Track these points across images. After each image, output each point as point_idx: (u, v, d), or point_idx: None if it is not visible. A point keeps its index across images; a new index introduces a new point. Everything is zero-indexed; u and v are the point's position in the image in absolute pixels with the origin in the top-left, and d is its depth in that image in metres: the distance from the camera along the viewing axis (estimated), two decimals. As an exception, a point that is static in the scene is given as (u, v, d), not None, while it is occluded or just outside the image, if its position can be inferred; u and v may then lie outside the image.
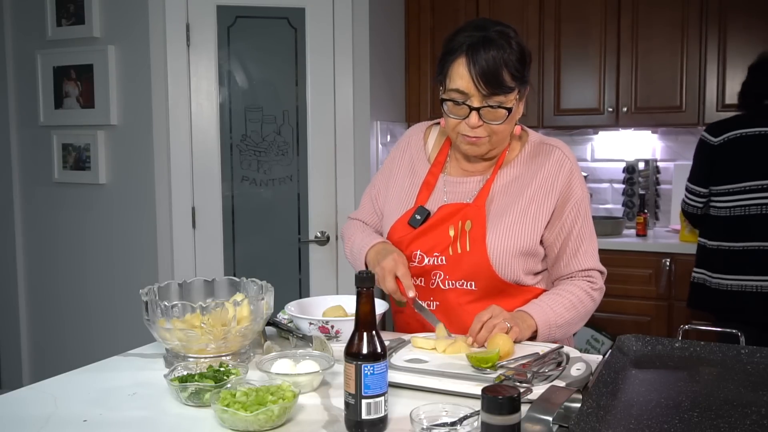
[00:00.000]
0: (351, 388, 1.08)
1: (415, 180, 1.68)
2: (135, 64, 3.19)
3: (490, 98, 1.48)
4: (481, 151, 1.57)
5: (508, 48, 1.48)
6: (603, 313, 3.31)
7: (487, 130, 1.52)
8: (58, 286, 3.49)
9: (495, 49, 1.46)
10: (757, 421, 0.98)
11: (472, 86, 1.47)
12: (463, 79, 1.47)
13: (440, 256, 1.57)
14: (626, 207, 3.66)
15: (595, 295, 1.62)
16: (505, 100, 1.49)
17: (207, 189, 3.24)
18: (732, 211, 2.72)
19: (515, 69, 1.48)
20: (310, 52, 3.27)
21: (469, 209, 1.57)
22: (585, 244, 1.61)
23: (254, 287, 1.50)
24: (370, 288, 1.11)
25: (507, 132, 1.56)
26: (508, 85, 1.48)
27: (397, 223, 1.64)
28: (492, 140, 1.54)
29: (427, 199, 1.64)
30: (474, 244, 1.54)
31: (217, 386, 1.19)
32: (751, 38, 3.23)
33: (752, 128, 2.70)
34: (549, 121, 3.64)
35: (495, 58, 1.46)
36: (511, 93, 1.50)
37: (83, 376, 1.39)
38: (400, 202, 1.68)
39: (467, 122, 1.50)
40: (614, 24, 3.47)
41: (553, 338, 1.52)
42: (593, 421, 0.97)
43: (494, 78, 1.46)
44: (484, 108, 1.49)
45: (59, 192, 3.44)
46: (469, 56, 1.46)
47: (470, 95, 1.48)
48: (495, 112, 1.49)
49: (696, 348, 1.28)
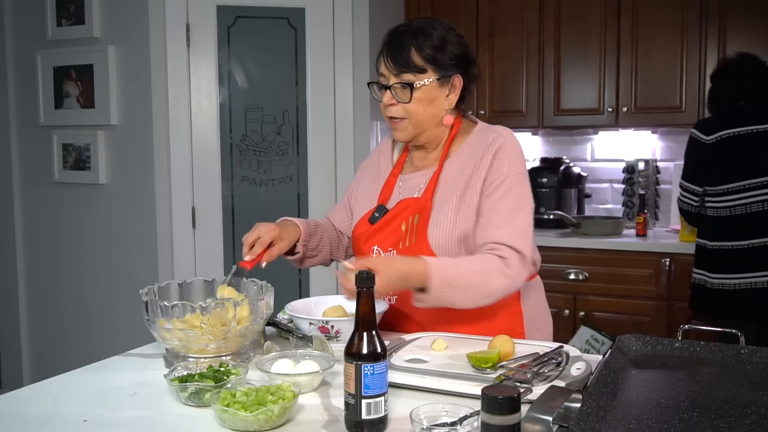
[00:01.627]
0: (351, 388, 1.08)
1: (379, 182, 1.76)
2: (135, 64, 3.19)
3: (400, 76, 1.56)
4: (404, 135, 1.63)
5: (422, 34, 1.57)
6: (603, 313, 3.31)
7: (403, 111, 1.59)
8: (58, 286, 3.49)
9: (408, 34, 1.57)
10: (757, 421, 0.98)
11: (384, 67, 1.58)
12: (380, 62, 1.60)
13: (393, 250, 1.63)
14: (626, 207, 3.66)
15: (509, 272, 1.48)
16: (414, 79, 1.56)
17: (207, 189, 3.24)
18: (733, 210, 2.72)
19: (427, 52, 1.56)
20: (310, 52, 3.28)
21: (418, 203, 1.63)
22: (499, 218, 1.53)
23: (254, 287, 1.50)
24: (370, 288, 1.11)
25: (425, 115, 1.60)
26: (416, 64, 1.55)
27: (359, 222, 1.72)
28: (412, 122, 1.60)
29: (388, 199, 1.71)
30: (418, 236, 1.59)
31: (217, 386, 1.19)
32: (751, 38, 3.23)
33: (743, 127, 2.71)
34: (549, 121, 3.64)
35: (405, 40, 1.57)
36: (422, 74, 1.56)
37: (83, 376, 1.39)
38: (364, 203, 1.76)
39: (383, 101, 1.60)
40: (614, 24, 3.47)
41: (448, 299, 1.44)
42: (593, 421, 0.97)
43: (399, 56, 1.56)
44: (396, 86, 1.57)
45: (59, 192, 3.44)
46: (384, 43, 1.60)
47: (387, 77, 1.59)
48: (404, 90, 1.57)
49: (696, 348, 1.28)
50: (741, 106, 2.77)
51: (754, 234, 2.69)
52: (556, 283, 3.33)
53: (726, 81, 2.81)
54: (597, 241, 3.34)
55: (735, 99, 2.78)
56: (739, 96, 2.77)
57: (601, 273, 3.29)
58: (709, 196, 2.80)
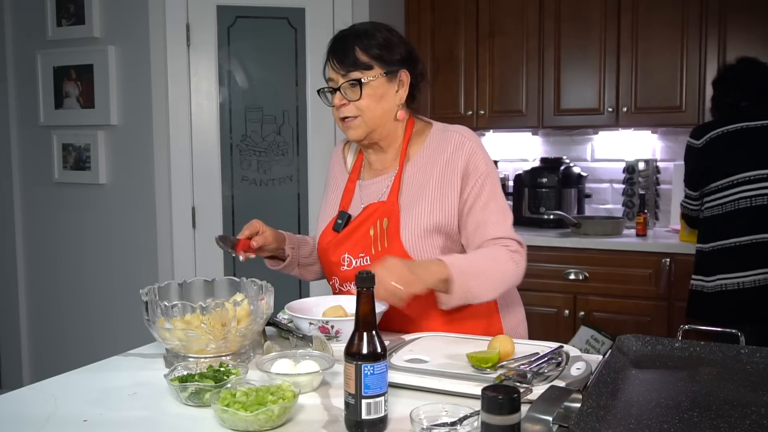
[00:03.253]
0: (351, 388, 1.08)
1: (338, 191, 1.78)
2: (135, 64, 3.19)
3: (347, 76, 1.59)
4: (358, 133, 1.64)
5: (365, 35, 1.61)
6: (603, 313, 3.31)
7: (355, 109, 1.61)
8: (58, 286, 3.49)
9: (350, 36, 1.61)
10: (757, 421, 0.98)
11: (332, 70, 1.61)
12: (328, 67, 1.63)
13: (365, 256, 1.64)
14: (626, 207, 3.66)
15: (516, 257, 1.59)
16: (361, 76, 1.59)
17: (207, 189, 3.24)
18: (723, 208, 2.69)
19: (372, 50, 1.59)
20: (310, 52, 3.28)
21: (385, 207, 1.64)
22: (494, 216, 1.60)
23: (254, 287, 1.50)
24: (370, 288, 1.11)
25: (377, 110, 1.62)
26: (362, 61, 1.58)
27: (323, 232, 1.73)
28: (365, 119, 1.61)
29: (348, 206, 1.72)
30: (391, 239, 1.60)
31: (217, 386, 1.18)
32: (751, 38, 3.23)
33: (733, 124, 2.71)
34: (549, 121, 3.64)
35: (348, 41, 1.60)
36: (369, 70, 1.59)
37: (83, 376, 1.39)
38: (326, 214, 1.77)
39: (334, 103, 1.62)
40: (614, 24, 3.47)
41: (470, 291, 1.51)
42: (593, 421, 0.97)
43: (344, 56, 1.59)
44: (344, 86, 1.60)
45: (59, 192, 3.44)
46: (330, 46, 1.64)
47: (335, 80, 1.61)
48: (353, 89, 1.60)
49: (696, 348, 1.27)
50: (743, 107, 2.76)
51: (743, 231, 2.63)
52: (556, 283, 3.33)
53: (723, 86, 2.81)
54: (597, 241, 3.34)
55: (733, 103, 2.77)
56: (737, 100, 2.77)
57: (601, 273, 3.29)
58: (705, 197, 2.79)
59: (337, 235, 1.68)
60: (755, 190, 2.63)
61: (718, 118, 2.82)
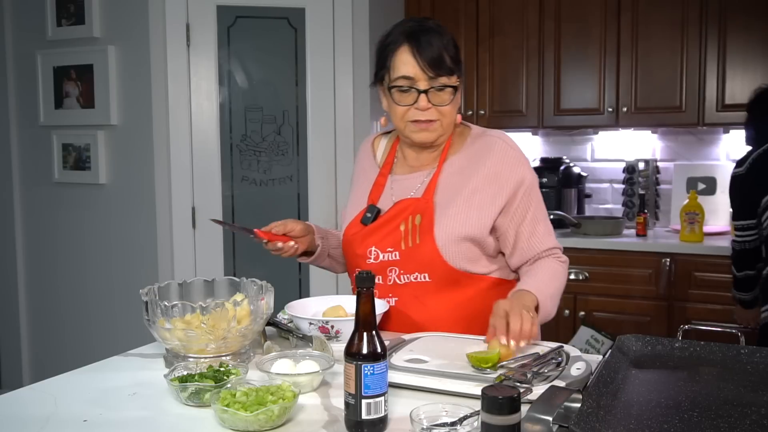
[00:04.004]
0: (351, 388, 1.08)
1: (367, 185, 1.76)
2: (135, 64, 3.19)
3: (435, 80, 1.55)
4: (432, 137, 1.62)
5: (445, 35, 1.58)
6: (603, 313, 3.32)
7: (436, 113, 1.58)
8: (58, 286, 3.49)
9: (434, 35, 1.56)
10: (757, 421, 0.98)
11: (418, 70, 1.54)
12: (408, 64, 1.55)
13: (394, 251, 1.62)
14: (626, 207, 3.66)
15: (566, 267, 1.69)
16: (448, 81, 1.56)
17: (207, 189, 3.24)
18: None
19: (453, 54, 1.57)
20: (310, 52, 3.28)
21: (419, 203, 1.62)
22: (541, 225, 1.65)
23: (254, 287, 1.50)
24: (370, 288, 1.11)
25: (453, 116, 1.62)
26: (447, 65, 1.56)
27: (351, 223, 1.71)
28: (443, 124, 1.60)
29: (378, 199, 1.70)
30: (423, 236, 1.59)
31: (217, 386, 1.18)
32: (751, 38, 3.23)
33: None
34: (549, 121, 3.64)
35: (436, 42, 1.55)
36: (453, 75, 1.57)
37: (83, 376, 1.39)
38: (354, 206, 1.75)
39: (417, 106, 1.56)
40: (614, 24, 3.47)
41: (548, 312, 1.55)
42: (593, 421, 0.97)
43: (438, 60, 1.54)
44: (431, 90, 1.55)
45: (59, 192, 3.44)
46: (411, 43, 1.55)
47: (416, 80, 1.55)
48: (441, 94, 1.56)
49: (696, 348, 1.28)
50: None
51: None
52: (556, 283, 3.33)
53: None
54: (597, 241, 3.34)
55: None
56: None
57: (601, 273, 3.29)
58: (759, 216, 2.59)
59: (365, 227, 1.66)
60: None
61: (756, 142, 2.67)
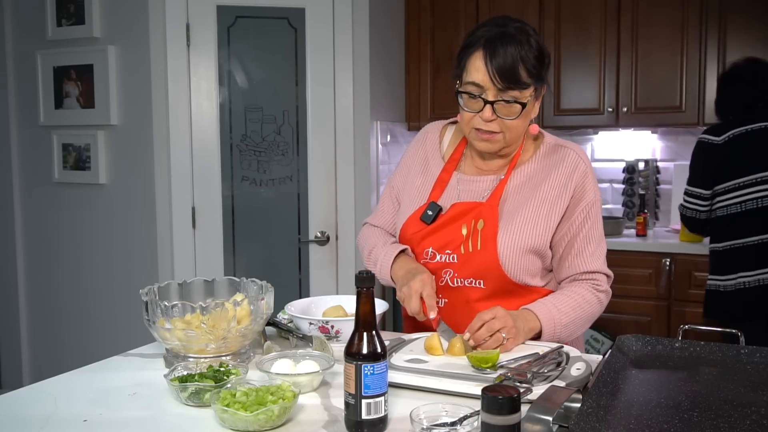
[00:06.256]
0: (351, 388, 1.08)
1: (428, 177, 1.69)
2: (135, 64, 3.19)
3: (505, 92, 1.48)
4: (494, 147, 1.56)
5: (526, 44, 1.48)
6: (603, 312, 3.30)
7: (500, 125, 1.52)
8: (58, 286, 3.49)
9: (512, 44, 1.47)
10: (757, 421, 0.98)
11: (488, 79, 1.47)
12: (479, 72, 1.48)
13: (452, 254, 1.57)
14: (626, 207, 3.66)
15: (602, 297, 1.61)
16: (520, 96, 1.49)
17: (207, 189, 3.24)
18: (744, 206, 2.69)
19: (532, 66, 1.49)
20: (310, 52, 3.27)
21: (483, 208, 1.57)
22: (592, 246, 1.59)
23: (254, 287, 1.50)
24: (370, 288, 1.11)
25: (521, 129, 1.56)
26: (523, 80, 1.48)
27: (409, 219, 1.64)
28: (506, 137, 1.54)
29: (440, 196, 1.64)
30: (485, 243, 1.54)
31: (217, 386, 1.19)
32: (751, 38, 3.23)
33: (754, 123, 2.70)
34: (549, 121, 3.64)
35: (512, 53, 1.47)
36: (526, 89, 1.49)
37: (83, 376, 1.39)
38: (413, 198, 1.68)
39: (481, 115, 1.50)
40: (614, 24, 3.47)
41: (558, 338, 1.51)
42: (593, 421, 0.97)
43: (510, 72, 1.46)
44: (499, 102, 1.49)
45: (59, 192, 3.44)
46: (486, 50, 1.48)
47: (485, 88, 1.49)
48: (509, 107, 1.50)
49: (696, 348, 1.28)
50: (759, 107, 2.75)
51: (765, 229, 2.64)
52: (556, 283, 3.33)
53: (741, 86, 2.78)
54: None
55: (751, 102, 2.75)
56: (755, 100, 2.75)
57: (601, 273, 3.29)
58: (719, 195, 2.76)
59: (425, 227, 1.60)
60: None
61: (735, 116, 2.79)
